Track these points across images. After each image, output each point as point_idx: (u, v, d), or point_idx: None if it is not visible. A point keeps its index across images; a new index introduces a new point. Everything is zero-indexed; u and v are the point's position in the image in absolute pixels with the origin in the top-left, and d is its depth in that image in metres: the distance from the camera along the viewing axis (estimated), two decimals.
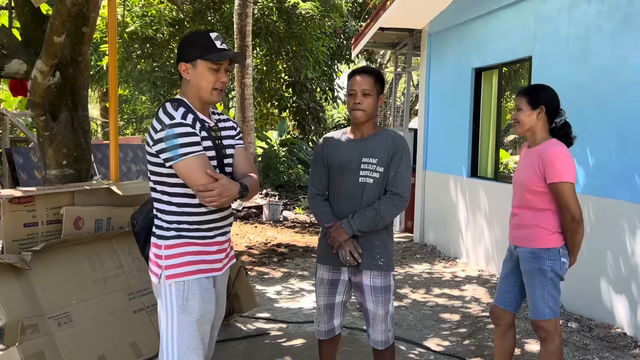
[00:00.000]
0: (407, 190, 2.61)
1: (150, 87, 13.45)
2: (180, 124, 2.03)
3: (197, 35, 2.17)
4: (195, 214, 2.12)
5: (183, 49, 2.15)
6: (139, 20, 11.69)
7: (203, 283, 2.13)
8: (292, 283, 5.62)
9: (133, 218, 2.37)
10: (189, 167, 2.01)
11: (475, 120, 6.46)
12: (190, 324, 2.08)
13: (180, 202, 2.11)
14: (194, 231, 2.12)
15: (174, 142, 2.01)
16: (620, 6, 4.22)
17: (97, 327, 3.08)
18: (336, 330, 2.78)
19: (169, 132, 2.01)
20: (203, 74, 2.11)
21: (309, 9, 12.18)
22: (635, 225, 4.03)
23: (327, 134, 2.81)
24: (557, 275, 2.67)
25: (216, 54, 2.11)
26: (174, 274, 2.09)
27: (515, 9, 5.57)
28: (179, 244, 2.11)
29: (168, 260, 2.10)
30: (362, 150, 2.63)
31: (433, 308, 4.82)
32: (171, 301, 2.09)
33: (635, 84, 4.08)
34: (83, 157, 3.89)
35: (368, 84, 2.60)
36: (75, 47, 3.83)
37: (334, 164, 2.68)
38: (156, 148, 2.05)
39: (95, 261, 3.29)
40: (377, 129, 2.71)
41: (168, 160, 2.03)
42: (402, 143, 2.65)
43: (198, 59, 2.10)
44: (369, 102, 2.60)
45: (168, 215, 2.12)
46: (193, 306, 2.09)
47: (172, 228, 2.11)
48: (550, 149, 2.65)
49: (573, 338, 4.00)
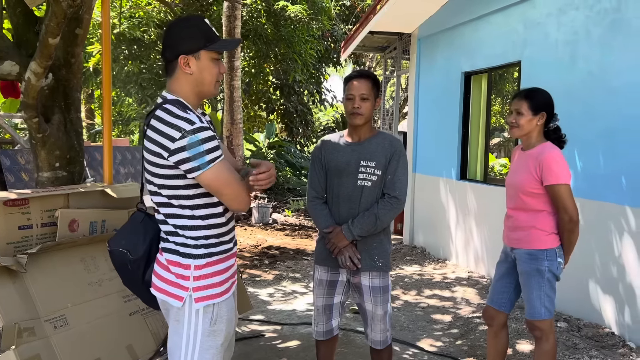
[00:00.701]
0: (404, 193, 2.67)
1: (138, 89, 13.37)
2: (202, 128, 1.78)
3: (195, 22, 1.91)
4: (219, 225, 1.94)
5: (181, 39, 1.87)
6: (126, 22, 11.62)
7: (230, 303, 1.99)
8: (284, 285, 5.63)
9: (119, 246, 2.03)
10: (218, 173, 1.80)
11: (464, 124, 6.53)
12: (215, 347, 1.93)
13: (204, 214, 1.90)
14: (219, 245, 1.94)
15: (199, 150, 1.76)
16: (608, 12, 4.31)
17: (92, 330, 3.06)
18: (334, 330, 2.81)
19: (192, 138, 1.75)
20: (208, 66, 1.89)
21: (297, 11, 12.20)
22: (623, 227, 4.11)
23: (324, 136, 2.83)
24: (554, 275, 2.73)
25: (222, 43, 1.91)
26: (205, 297, 1.90)
27: (504, 14, 5.65)
28: (211, 262, 1.92)
29: (198, 282, 1.90)
30: (360, 153, 2.66)
31: (425, 309, 4.86)
32: (196, 325, 1.90)
33: (622, 89, 4.17)
34: (76, 160, 3.86)
35: (366, 89, 2.63)
36: (69, 49, 3.81)
37: (332, 166, 2.70)
38: (175, 159, 1.78)
39: (90, 264, 3.27)
40: (373, 131, 2.74)
41: (193, 170, 1.78)
42: (399, 146, 2.70)
43: (202, 49, 1.86)
44: (367, 106, 2.64)
45: (193, 231, 1.89)
46: (220, 329, 1.93)
47: (200, 245, 1.90)
48: (547, 152, 2.70)
49: (562, 337, 4.07)
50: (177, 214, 1.90)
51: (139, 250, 1.99)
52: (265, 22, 12.38)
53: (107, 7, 3.70)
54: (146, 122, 1.89)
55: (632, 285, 4.02)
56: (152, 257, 2.01)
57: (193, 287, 1.90)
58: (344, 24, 16.26)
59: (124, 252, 2.01)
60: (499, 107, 9.57)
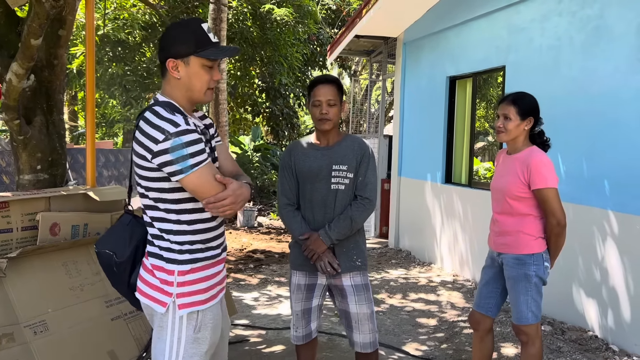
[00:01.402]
0: (375, 194, 2.71)
1: (122, 91, 13.25)
2: (186, 131, 1.75)
3: (189, 25, 1.87)
4: (206, 231, 1.90)
5: (173, 43, 1.83)
6: (111, 24, 11.51)
7: (215, 310, 1.95)
8: (269, 289, 5.60)
9: (105, 248, 2.01)
10: (201, 178, 1.77)
11: (449, 128, 6.56)
12: (198, 354, 1.89)
13: (190, 219, 1.86)
14: (206, 250, 1.90)
15: (182, 153, 1.73)
16: (591, 19, 4.36)
17: (73, 335, 3.01)
18: (313, 334, 2.81)
19: (175, 141, 1.73)
20: (197, 73, 1.85)
21: (283, 15, 12.19)
22: (606, 230, 4.16)
23: (291, 143, 2.83)
24: (541, 280, 2.74)
25: (213, 50, 1.85)
26: (189, 303, 1.87)
27: (489, 20, 5.70)
28: (195, 268, 1.88)
29: (182, 288, 1.86)
30: (331, 158, 2.68)
31: (410, 313, 4.86)
32: (180, 331, 1.87)
33: (604, 94, 4.22)
34: (58, 162, 3.81)
35: (332, 94, 2.64)
36: (51, 50, 3.75)
37: (304, 172, 2.70)
38: (158, 161, 1.75)
39: (71, 268, 3.22)
40: (340, 135, 2.76)
41: (176, 173, 1.75)
42: (367, 148, 2.73)
43: (192, 55, 1.82)
44: (335, 112, 2.65)
45: (178, 236, 1.86)
46: (204, 337, 1.90)
47: (185, 250, 1.86)
48: (534, 156, 2.71)
49: (546, 341, 4.09)
50: (163, 217, 1.87)
51: (125, 252, 1.97)
52: (251, 25, 12.36)
53: (91, 9, 3.66)
54: (135, 124, 1.87)
55: (615, 289, 4.06)
56: (137, 260, 1.98)
57: (177, 293, 1.86)
58: (329, 28, 16.30)
59: (110, 254, 1.99)
60: (484, 112, 9.66)
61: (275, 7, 12.35)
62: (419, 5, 6.66)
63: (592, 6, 4.36)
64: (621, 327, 4.00)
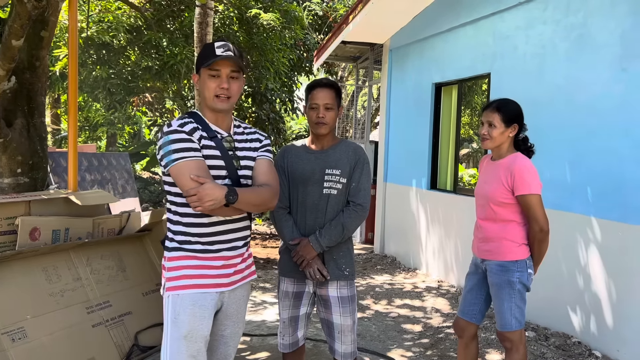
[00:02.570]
0: (368, 200, 2.68)
1: (106, 94, 13.11)
2: (175, 131, 2.05)
3: (207, 45, 2.19)
4: (198, 225, 2.11)
5: (196, 61, 2.23)
6: (95, 26, 11.40)
7: (197, 298, 2.10)
8: (254, 295, 5.56)
9: None
10: (179, 171, 2.01)
11: (435, 134, 6.60)
12: (178, 338, 2.07)
13: (184, 212, 2.11)
14: (195, 244, 2.11)
15: (168, 148, 2.03)
16: (575, 27, 4.42)
17: (53, 342, 2.95)
18: (300, 342, 2.78)
19: (165, 138, 2.05)
20: (205, 83, 2.13)
21: (270, 20, 12.18)
22: (589, 237, 4.20)
23: (286, 145, 2.81)
24: (525, 286, 2.74)
25: (210, 59, 2.09)
26: (171, 287, 2.11)
27: (474, 27, 5.75)
28: (179, 256, 2.11)
29: (169, 272, 2.13)
30: (325, 162, 2.65)
31: (395, 319, 4.85)
32: (167, 313, 2.12)
33: (587, 101, 4.27)
34: (39, 165, 3.74)
35: (330, 98, 2.62)
36: (33, 52, 3.70)
37: (296, 175, 2.67)
38: (158, 155, 2.10)
39: (52, 273, 3.15)
40: (336, 140, 2.74)
41: (165, 166, 2.06)
42: (363, 154, 2.70)
43: (201, 68, 2.14)
44: (332, 116, 2.63)
45: (174, 226, 2.14)
46: (182, 321, 2.07)
47: (175, 240, 2.13)
48: (518, 162, 2.72)
49: (531, 347, 4.11)
50: (169, 209, 2.17)
51: None
52: (238, 29, 12.33)
53: (75, 10, 3.61)
54: None
55: (597, 295, 4.10)
56: None
57: (167, 277, 2.13)
58: (316, 34, 16.33)
59: None
60: (468, 119, 9.72)
61: (262, 12, 12.34)
62: (405, 12, 6.70)
63: (576, 15, 4.41)
64: (603, 333, 4.03)
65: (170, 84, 12.85)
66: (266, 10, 12.72)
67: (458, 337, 3.07)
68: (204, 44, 2.23)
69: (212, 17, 10.59)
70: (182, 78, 11.79)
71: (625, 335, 3.86)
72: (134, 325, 3.47)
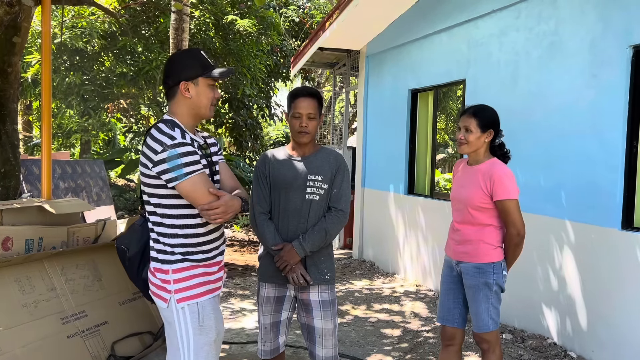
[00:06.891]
0: (349, 206, 2.74)
1: (80, 100, 12.90)
2: (182, 143, 2.04)
3: (191, 52, 2.21)
4: (197, 235, 2.15)
5: (183, 68, 2.14)
6: (68, 32, 11.23)
7: (214, 303, 2.20)
8: (232, 303, 5.51)
9: (122, 243, 2.29)
10: (195, 186, 2.02)
11: (411, 139, 6.66)
12: (208, 343, 2.13)
13: (182, 224, 2.11)
14: (197, 253, 2.15)
15: (177, 162, 2.01)
16: (547, 35, 4.51)
17: (27, 354, 2.88)
18: (281, 348, 2.78)
19: (171, 152, 2.01)
20: (204, 91, 2.15)
21: (246, 26, 12.16)
22: (563, 239, 4.28)
23: (266, 151, 2.82)
24: (500, 287, 2.80)
25: (218, 71, 2.17)
26: (186, 297, 2.12)
27: (449, 34, 5.83)
28: (187, 267, 2.13)
29: (178, 284, 2.11)
30: (307, 168, 2.68)
31: (374, 324, 4.87)
32: (186, 324, 2.11)
33: (560, 107, 4.36)
34: (12, 174, 3.67)
35: (313, 108, 2.65)
36: (5, 58, 3.64)
37: (278, 181, 2.69)
38: (157, 169, 2.03)
39: (25, 284, 3.09)
40: (316, 147, 2.78)
41: (172, 180, 2.02)
42: (343, 161, 2.76)
43: (200, 76, 2.13)
44: (314, 125, 2.67)
45: (171, 239, 2.12)
46: (209, 326, 2.14)
47: (177, 252, 2.12)
48: (497, 168, 2.77)
49: (508, 349, 4.16)
50: (160, 222, 2.12)
51: (133, 248, 2.25)
52: (214, 35, 12.28)
53: (48, 16, 3.55)
54: (143, 139, 2.15)
55: (572, 297, 4.17)
56: (146, 256, 2.24)
57: (174, 290, 2.11)
58: (293, 40, 16.36)
59: (124, 249, 2.28)
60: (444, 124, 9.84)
61: (238, 18, 12.32)
62: (382, 19, 6.76)
63: (547, 22, 4.51)
64: (578, 334, 4.10)
65: (146, 90, 12.72)
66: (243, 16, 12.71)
67: (448, 346, 2.99)
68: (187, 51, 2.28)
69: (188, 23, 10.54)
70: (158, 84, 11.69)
71: (600, 336, 3.94)
72: (110, 335, 3.42)
